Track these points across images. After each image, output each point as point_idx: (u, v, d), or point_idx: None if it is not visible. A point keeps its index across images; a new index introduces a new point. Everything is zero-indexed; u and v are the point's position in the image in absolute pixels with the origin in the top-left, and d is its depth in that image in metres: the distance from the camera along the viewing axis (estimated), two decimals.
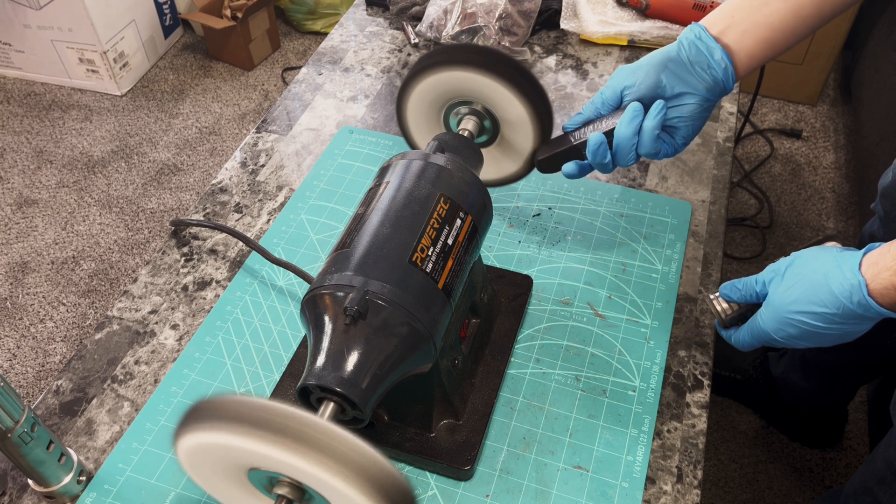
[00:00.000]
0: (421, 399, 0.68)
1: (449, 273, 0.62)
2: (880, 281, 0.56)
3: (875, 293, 0.57)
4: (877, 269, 0.57)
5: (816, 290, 0.60)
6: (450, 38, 1.16)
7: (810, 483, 1.40)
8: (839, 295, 0.58)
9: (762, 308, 0.65)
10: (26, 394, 1.58)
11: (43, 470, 0.63)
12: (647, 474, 0.69)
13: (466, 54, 0.71)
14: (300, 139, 1.04)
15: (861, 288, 0.57)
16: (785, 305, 0.62)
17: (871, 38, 1.97)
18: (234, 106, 2.27)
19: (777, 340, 0.64)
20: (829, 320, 0.60)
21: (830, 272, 0.59)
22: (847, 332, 0.61)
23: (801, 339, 0.63)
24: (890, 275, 0.56)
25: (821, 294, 0.59)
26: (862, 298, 0.57)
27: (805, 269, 0.62)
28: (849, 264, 0.59)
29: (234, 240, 0.90)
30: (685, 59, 0.68)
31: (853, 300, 0.58)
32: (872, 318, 0.59)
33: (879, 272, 0.56)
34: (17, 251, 1.86)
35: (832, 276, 0.59)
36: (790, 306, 0.62)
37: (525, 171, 0.80)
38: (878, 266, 0.57)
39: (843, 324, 0.60)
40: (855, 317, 0.59)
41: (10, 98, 2.29)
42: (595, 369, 0.76)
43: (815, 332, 0.61)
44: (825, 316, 0.60)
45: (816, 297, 0.60)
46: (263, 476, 0.51)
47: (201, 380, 0.76)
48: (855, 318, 0.59)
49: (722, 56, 0.67)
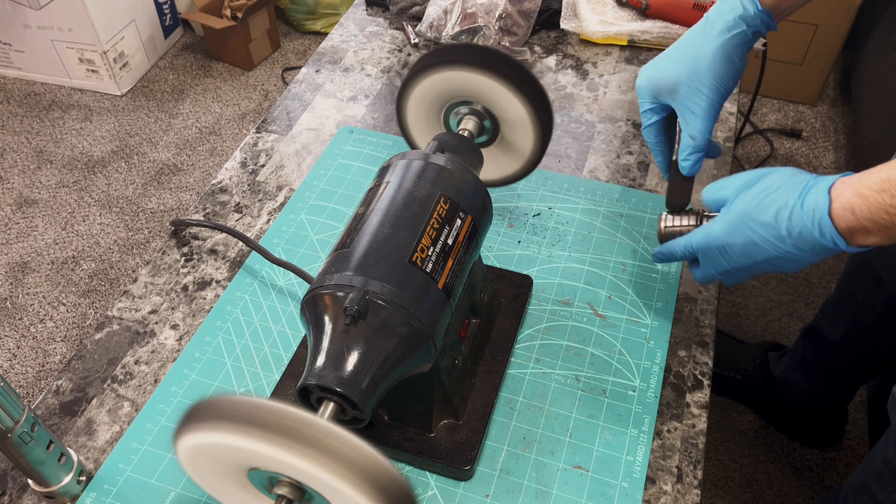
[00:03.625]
0: (421, 399, 0.68)
1: (449, 273, 0.62)
2: (841, 201, 0.56)
3: (834, 213, 0.56)
4: (842, 187, 0.56)
5: (780, 203, 0.59)
6: (450, 38, 1.16)
7: (810, 483, 1.40)
8: (804, 212, 0.57)
9: (721, 212, 0.64)
10: (26, 394, 1.58)
11: (43, 470, 0.63)
12: (647, 474, 0.69)
13: (467, 54, 0.71)
14: (300, 139, 1.04)
15: (825, 205, 0.56)
16: (746, 211, 0.61)
17: (871, 38, 1.97)
18: (234, 106, 2.27)
19: (716, 255, 0.64)
20: (780, 239, 0.59)
21: (799, 190, 0.59)
22: (790, 255, 0.60)
23: (741, 256, 0.62)
24: (852, 194, 0.55)
25: (783, 208, 0.59)
26: (823, 218, 0.56)
27: (776, 183, 0.61)
28: (822, 183, 0.58)
29: (234, 240, 0.90)
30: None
31: (817, 217, 0.57)
32: (825, 246, 0.58)
33: (844, 191, 0.56)
34: (17, 251, 1.86)
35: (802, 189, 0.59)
36: (751, 212, 0.61)
37: (525, 171, 0.80)
38: (844, 185, 0.56)
39: (793, 246, 0.59)
40: (806, 240, 0.58)
41: (10, 98, 2.29)
42: (595, 369, 0.76)
43: (759, 245, 0.60)
44: (778, 233, 0.59)
45: (777, 209, 0.59)
46: (263, 476, 0.51)
47: (201, 380, 0.76)
48: (805, 241, 0.58)
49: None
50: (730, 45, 0.68)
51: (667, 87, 0.70)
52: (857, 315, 1.19)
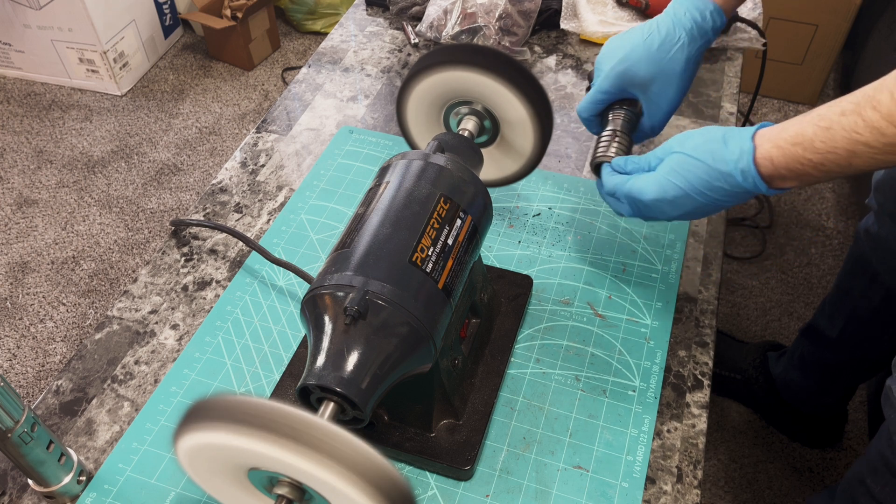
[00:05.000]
0: (421, 399, 0.68)
1: (449, 273, 0.62)
2: (762, 151, 0.62)
3: (756, 160, 0.62)
4: (762, 139, 0.63)
5: (711, 144, 0.65)
6: (450, 38, 1.16)
7: (810, 483, 1.40)
8: (729, 155, 0.63)
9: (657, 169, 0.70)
10: (26, 394, 1.58)
11: (43, 470, 0.63)
12: (647, 474, 0.69)
13: (466, 54, 0.71)
14: (300, 139, 1.04)
15: (749, 152, 0.62)
16: (679, 145, 0.67)
17: (871, 38, 1.97)
18: (234, 106, 2.28)
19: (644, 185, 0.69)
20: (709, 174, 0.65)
21: (728, 134, 0.65)
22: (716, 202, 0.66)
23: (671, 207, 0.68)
24: (770, 146, 0.62)
25: (713, 146, 0.65)
26: (747, 165, 0.62)
27: (706, 131, 0.67)
28: (746, 132, 0.64)
29: (234, 240, 0.90)
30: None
31: (740, 164, 0.63)
32: (746, 189, 0.64)
33: (763, 143, 0.62)
34: (17, 251, 1.86)
35: (729, 136, 0.65)
36: (679, 166, 0.67)
37: (525, 171, 0.80)
38: (763, 137, 0.63)
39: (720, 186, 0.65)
40: (731, 181, 0.64)
41: (10, 98, 2.29)
42: (595, 369, 0.76)
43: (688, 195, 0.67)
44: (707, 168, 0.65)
45: (707, 149, 0.65)
46: (263, 476, 0.51)
47: (201, 380, 0.76)
48: (731, 183, 0.64)
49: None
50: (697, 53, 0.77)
51: (639, 82, 0.77)
52: (854, 312, 1.19)
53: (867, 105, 0.56)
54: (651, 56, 0.76)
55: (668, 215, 0.70)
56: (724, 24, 0.76)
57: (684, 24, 0.75)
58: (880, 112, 0.55)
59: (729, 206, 0.67)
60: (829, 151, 0.58)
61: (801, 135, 0.60)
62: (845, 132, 0.57)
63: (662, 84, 0.76)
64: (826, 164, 0.59)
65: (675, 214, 0.69)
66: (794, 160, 0.61)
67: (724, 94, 1.09)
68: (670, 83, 0.77)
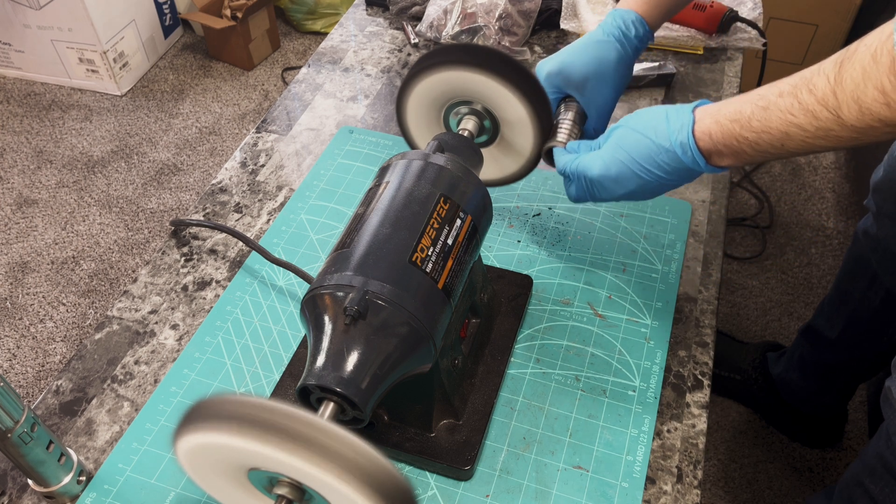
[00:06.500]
0: (421, 399, 0.68)
1: (449, 273, 0.62)
2: (701, 126, 0.63)
3: (696, 135, 0.63)
4: (702, 114, 0.64)
5: (653, 120, 0.66)
6: (450, 38, 1.16)
7: (810, 483, 1.40)
8: (669, 131, 0.65)
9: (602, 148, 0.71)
10: (26, 394, 1.58)
11: (43, 470, 0.63)
12: (647, 474, 0.69)
13: (466, 54, 0.71)
14: (300, 139, 1.04)
15: (689, 125, 0.64)
16: (625, 121, 0.69)
17: None
18: (234, 106, 2.28)
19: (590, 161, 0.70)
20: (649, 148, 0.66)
21: (671, 110, 0.66)
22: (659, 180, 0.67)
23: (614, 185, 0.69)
24: (710, 122, 0.63)
25: (655, 122, 0.66)
26: (686, 138, 0.63)
27: (651, 109, 0.68)
28: (686, 107, 0.65)
29: (234, 240, 0.90)
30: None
31: (679, 137, 0.64)
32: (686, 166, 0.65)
33: (703, 118, 0.63)
34: (17, 251, 1.86)
35: (671, 112, 0.66)
36: (623, 145, 0.68)
37: (525, 171, 0.80)
38: (703, 113, 0.64)
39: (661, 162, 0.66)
40: (671, 156, 0.65)
41: (10, 98, 2.29)
42: (595, 369, 0.76)
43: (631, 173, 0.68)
44: (649, 142, 0.66)
45: (650, 124, 0.66)
46: (263, 476, 0.51)
47: (201, 380, 0.76)
48: (671, 157, 0.65)
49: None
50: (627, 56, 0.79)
51: (575, 81, 0.78)
52: (853, 312, 1.19)
53: (804, 87, 0.56)
54: (583, 57, 0.78)
55: (615, 194, 0.70)
56: (648, 33, 0.80)
57: (612, 32, 0.78)
58: (815, 96, 0.55)
59: (674, 187, 0.68)
60: (763, 131, 0.59)
61: (739, 112, 0.61)
62: (781, 113, 0.57)
63: (597, 82, 0.78)
64: (761, 144, 0.60)
65: (620, 193, 0.70)
66: (731, 137, 0.61)
67: (724, 94, 1.09)
68: (605, 81, 0.78)
